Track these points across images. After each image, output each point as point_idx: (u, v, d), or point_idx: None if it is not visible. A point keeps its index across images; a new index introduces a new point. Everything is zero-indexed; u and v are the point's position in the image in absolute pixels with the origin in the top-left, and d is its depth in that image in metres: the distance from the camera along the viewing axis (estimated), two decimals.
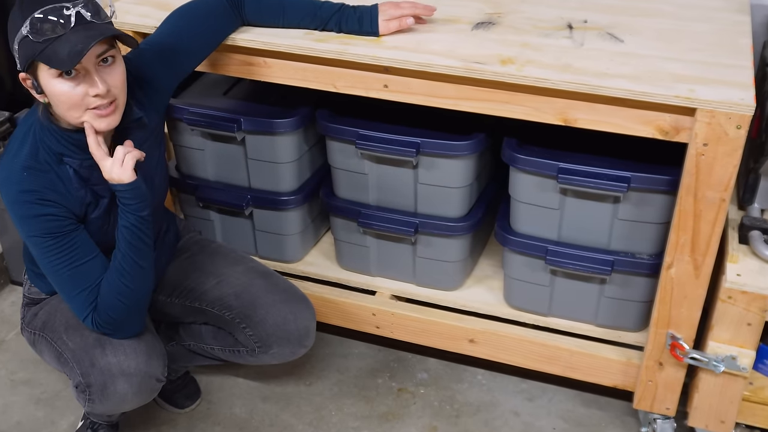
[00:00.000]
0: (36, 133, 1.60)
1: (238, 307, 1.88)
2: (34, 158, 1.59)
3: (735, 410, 1.83)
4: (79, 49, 1.44)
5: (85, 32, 1.46)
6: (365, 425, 2.08)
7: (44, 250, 1.61)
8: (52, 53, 1.45)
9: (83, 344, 1.71)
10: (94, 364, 1.69)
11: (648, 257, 1.87)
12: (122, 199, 1.61)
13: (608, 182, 1.78)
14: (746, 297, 1.69)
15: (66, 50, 1.45)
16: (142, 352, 1.71)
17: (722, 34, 1.81)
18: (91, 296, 1.65)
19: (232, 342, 1.93)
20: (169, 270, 1.96)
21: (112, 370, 1.68)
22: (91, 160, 1.61)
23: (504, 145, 1.89)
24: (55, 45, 1.45)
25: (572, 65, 1.66)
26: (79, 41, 1.45)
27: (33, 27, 1.45)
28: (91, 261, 1.65)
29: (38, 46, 1.45)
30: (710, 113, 1.53)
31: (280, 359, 1.93)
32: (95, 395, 1.70)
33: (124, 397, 1.70)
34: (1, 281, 2.54)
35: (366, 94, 1.81)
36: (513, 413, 2.11)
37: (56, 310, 1.80)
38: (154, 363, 1.73)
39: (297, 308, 1.89)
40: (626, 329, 2.01)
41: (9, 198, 1.60)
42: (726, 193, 1.59)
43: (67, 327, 1.76)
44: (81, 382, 1.71)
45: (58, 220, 1.60)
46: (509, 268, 2.04)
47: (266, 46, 1.82)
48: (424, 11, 1.83)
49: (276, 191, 2.15)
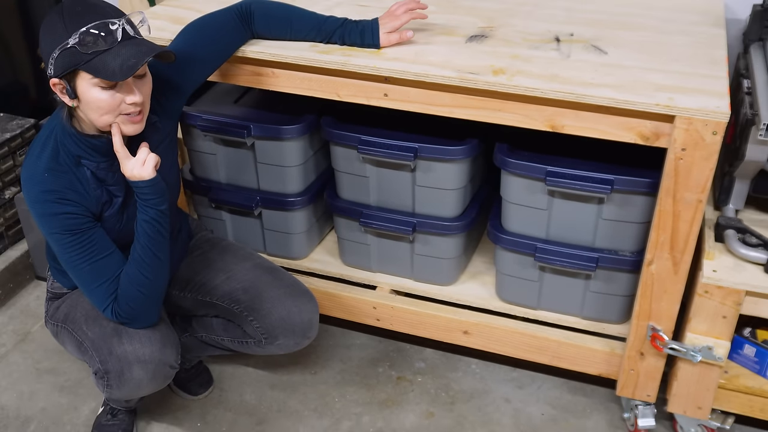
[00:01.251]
0: (57, 137, 1.61)
1: (246, 301, 1.88)
2: (55, 160, 1.60)
3: (711, 397, 1.83)
4: (132, 63, 1.48)
5: (135, 47, 1.49)
6: (366, 411, 2.08)
7: (64, 247, 1.62)
8: (101, 64, 1.47)
9: (102, 334, 1.72)
10: (111, 352, 1.69)
11: (630, 254, 1.87)
12: (142, 195, 1.62)
13: (593, 184, 1.78)
14: (722, 291, 1.69)
15: (118, 63, 1.47)
16: (156, 341, 1.71)
17: (699, 46, 1.81)
18: (110, 288, 1.66)
19: (241, 334, 1.93)
20: (182, 267, 1.96)
21: (129, 358, 1.69)
22: (107, 162, 1.62)
23: (496, 150, 1.89)
24: (103, 57, 1.47)
25: (560, 75, 1.66)
26: (131, 55, 1.48)
27: (83, 40, 1.46)
28: (109, 256, 1.65)
29: (85, 56, 1.47)
30: (688, 120, 1.53)
31: (285, 350, 1.93)
32: (113, 381, 1.71)
33: (139, 383, 1.71)
34: (27, 277, 2.54)
35: (367, 102, 1.81)
36: (504, 400, 2.11)
37: (77, 303, 1.80)
38: (168, 351, 1.73)
39: (301, 302, 1.89)
40: (610, 321, 2.01)
41: (31, 197, 1.60)
42: (703, 194, 1.59)
43: (87, 318, 1.76)
44: (100, 369, 1.71)
45: (77, 218, 1.60)
46: (501, 265, 2.04)
47: (274, 57, 1.82)
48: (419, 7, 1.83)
49: (283, 193, 2.15)
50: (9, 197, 2.46)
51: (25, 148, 2.47)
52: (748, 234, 1.75)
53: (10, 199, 2.47)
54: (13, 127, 2.45)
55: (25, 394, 2.14)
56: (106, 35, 1.47)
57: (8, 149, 2.42)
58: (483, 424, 2.03)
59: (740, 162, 1.71)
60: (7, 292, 2.47)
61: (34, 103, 2.78)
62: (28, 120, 2.50)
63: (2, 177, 2.44)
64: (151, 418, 2.06)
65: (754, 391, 1.82)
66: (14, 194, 2.47)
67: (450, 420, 2.05)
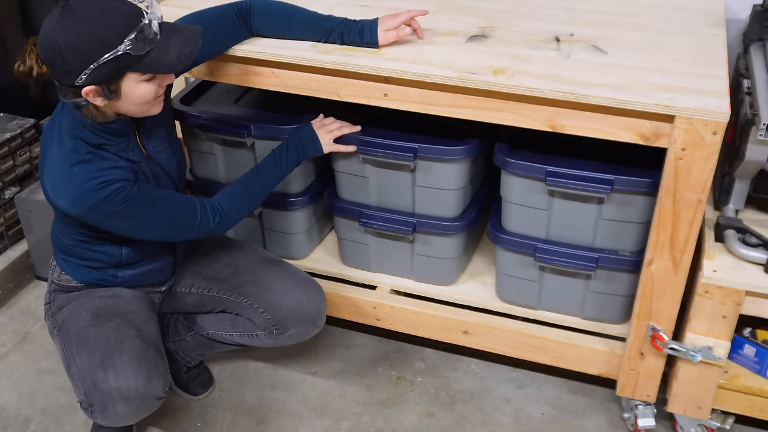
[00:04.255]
0: (69, 133, 1.60)
1: (255, 294, 1.88)
2: (76, 153, 1.59)
3: (711, 397, 1.83)
4: (188, 52, 1.52)
5: (176, 35, 1.53)
6: (366, 411, 2.08)
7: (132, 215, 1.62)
8: (155, 62, 1.50)
9: (89, 364, 1.69)
10: (96, 386, 1.67)
11: (630, 254, 1.87)
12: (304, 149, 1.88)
13: (593, 184, 1.78)
14: (722, 291, 1.69)
15: (173, 56, 1.51)
16: (142, 376, 1.68)
17: (699, 46, 1.81)
18: (203, 206, 1.74)
19: (251, 327, 1.93)
20: (187, 264, 1.96)
21: (113, 395, 1.66)
22: (126, 141, 1.65)
23: (496, 150, 1.89)
24: (154, 54, 1.50)
25: (560, 75, 1.66)
26: (182, 45, 1.52)
27: (135, 44, 1.47)
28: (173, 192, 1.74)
29: (137, 58, 1.48)
30: (688, 120, 1.53)
31: (296, 339, 1.93)
32: (97, 415, 1.69)
33: (123, 417, 1.69)
34: (27, 277, 2.54)
35: (367, 102, 1.81)
36: (504, 400, 2.11)
37: (75, 313, 1.78)
38: (154, 384, 1.70)
39: (309, 291, 1.90)
40: (610, 321, 2.01)
41: (70, 197, 1.58)
42: (703, 194, 1.59)
43: (78, 340, 1.73)
44: (84, 401, 1.70)
45: (126, 187, 1.60)
46: (501, 265, 2.04)
47: (274, 57, 1.82)
48: (419, 14, 1.83)
49: (283, 193, 2.15)
50: (9, 197, 2.46)
51: (25, 147, 2.47)
52: (748, 234, 1.75)
53: (10, 199, 2.46)
54: (13, 127, 2.45)
55: (25, 394, 2.14)
56: (151, 33, 1.49)
57: (8, 149, 2.42)
58: (483, 424, 2.03)
59: (740, 162, 1.71)
60: (7, 292, 2.47)
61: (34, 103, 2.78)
62: (28, 120, 2.50)
63: (2, 177, 2.44)
64: (151, 417, 2.05)
65: (754, 391, 1.82)
66: (14, 194, 2.46)
67: (450, 420, 2.04)
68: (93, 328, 1.73)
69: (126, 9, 1.50)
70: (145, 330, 1.77)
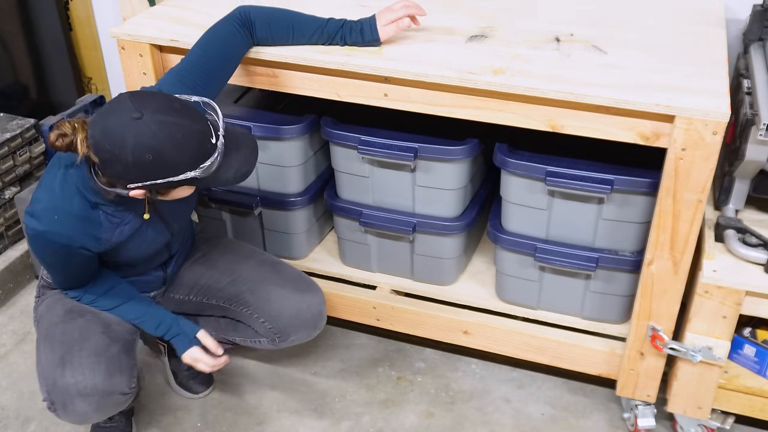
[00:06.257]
0: (73, 182, 1.58)
1: (255, 303, 1.88)
2: (70, 202, 1.58)
3: (711, 397, 1.83)
4: (245, 171, 1.54)
5: (237, 152, 1.53)
6: (366, 411, 2.08)
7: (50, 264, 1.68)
8: (215, 180, 1.51)
9: (51, 361, 1.68)
10: (55, 383, 1.66)
11: (630, 254, 1.87)
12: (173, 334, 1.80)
13: (593, 184, 1.78)
14: (722, 291, 1.69)
15: (231, 174, 1.53)
16: (101, 372, 1.65)
17: (699, 46, 1.81)
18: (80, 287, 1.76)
19: (252, 333, 1.93)
20: (184, 270, 1.95)
21: (70, 391, 1.64)
22: (123, 207, 1.62)
23: (496, 150, 1.89)
24: (216, 173, 1.50)
25: (560, 75, 1.66)
26: (241, 164, 1.54)
27: (206, 170, 1.47)
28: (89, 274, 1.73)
29: (200, 180, 1.49)
30: (688, 120, 1.53)
31: (298, 343, 1.93)
32: (59, 412, 1.68)
33: (84, 414, 1.67)
34: (27, 277, 2.54)
35: (367, 102, 1.81)
36: (504, 400, 2.11)
37: (51, 308, 1.78)
38: (115, 380, 1.67)
39: (308, 296, 1.89)
40: (610, 321, 2.01)
41: (36, 231, 1.58)
42: (703, 194, 1.59)
43: (46, 336, 1.73)
44: (47, 398, 1.69)
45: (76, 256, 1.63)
46: (501, 265, 2.04)
47: (275, 57, 1.82)
48: (417, 11, 1.81)
49: (283, 193, 2.15)
50: (9, 197, 2.46)
51: (25, 147, 2.47)
52: (748, 234, 1.75)
53: (10, 199, 2.46)
54: (13, 127, 2.45)
55: (25, 394, 2.14)
56: (219, 157, 1.48)
57: (8, 149, 2.42)
58: (483, 424, 2.03)
59: (740, 162, 1.71)
60: (7, 292, 2.47)
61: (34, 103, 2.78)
62: (28, 120, 2.50)
63: (2, 177, 2.44)
64: (151, 417, 2.06)
65: (754, 391, 1.82)
66: (14, 194, 2.46)
67: (450, 420, 2.05)
68: (61, 325, 1.72)
69: (199, 129, 1.46)
70: (116, 327, 1.75)
